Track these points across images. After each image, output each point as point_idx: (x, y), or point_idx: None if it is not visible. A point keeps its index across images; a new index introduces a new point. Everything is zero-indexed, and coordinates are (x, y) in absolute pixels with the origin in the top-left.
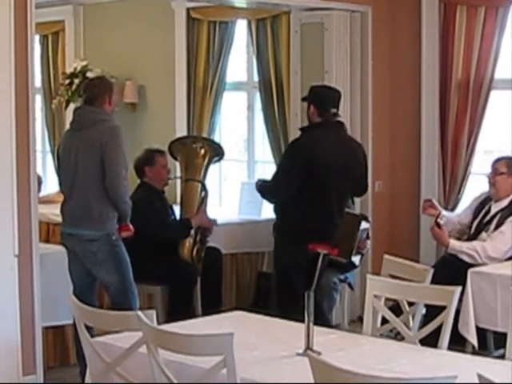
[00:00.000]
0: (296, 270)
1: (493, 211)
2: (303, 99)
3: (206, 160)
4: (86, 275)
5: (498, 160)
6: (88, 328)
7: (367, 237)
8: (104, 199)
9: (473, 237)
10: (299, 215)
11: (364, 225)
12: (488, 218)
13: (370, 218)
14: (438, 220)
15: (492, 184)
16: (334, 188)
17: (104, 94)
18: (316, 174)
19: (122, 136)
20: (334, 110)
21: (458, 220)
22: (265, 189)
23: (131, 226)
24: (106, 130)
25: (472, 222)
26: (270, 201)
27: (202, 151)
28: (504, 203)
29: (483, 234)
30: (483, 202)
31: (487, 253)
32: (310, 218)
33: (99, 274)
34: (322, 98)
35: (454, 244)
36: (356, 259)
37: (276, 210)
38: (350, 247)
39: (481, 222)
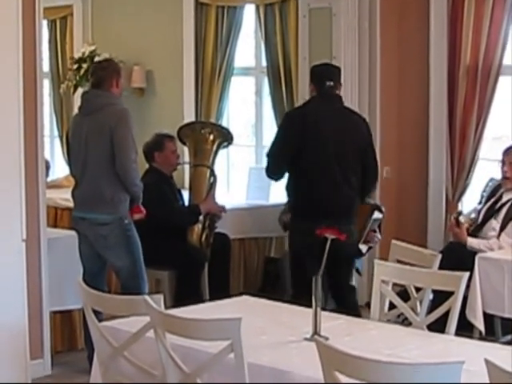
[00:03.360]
0: (306, 249)
1: (504, 199)
2: None
3: (215, 146)
4: (96, 259)
5: (506, 151)
6: (96, 312)
7: (378, 229)
8: (115, 183)
9: (481, 224)
10: (302, 186)
11: (377, 214)
12: (499, 205)
13: (383, 208)
14: (460, 218)
15: (503, 173)
16: (333, 154)
17: (111, 76)
18: (310, 139)
19: (130, 119)
20: (329, 83)
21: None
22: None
23: (143, 208)
24: (114, 114)
25: (481, 209)
26: (270, 174)
27: (211, 137)
28: None
29: (492, 221)
30: (494, 189)
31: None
32: (313, 188)
33: (110, 257)
34: (317, 73)
35: (472, 242)
36: (363, 247)
37: (286, 188)
38: (359, 234)
39: (490, 209)
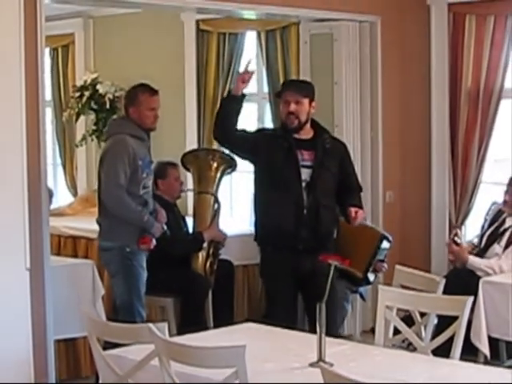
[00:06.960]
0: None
1: (507, 224)
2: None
3: (219, 173)
4: None
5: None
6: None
7: (384, 258)
8: (107, 211)
9: (484, 248)
10: (263, 207)
11: (385, 244)
12: (501, 229)
13: (391, 238)
14: (456, 239)
15: (506, 201)
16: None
17: (123, 103)
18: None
19: (120, 150)
20: None
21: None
22: None
23: (153, 240)
24: (108, 144)
25: (484, 233)
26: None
27: (215, 164)
28: None
29: (496, 246)
30: (497, 213)
31: (503, 271)
32: (273, 209)
33: (113, 284)
34: None
35: (474, 261)
36: (371, 276)
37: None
38: (368, 263)
39: (493, 233)
